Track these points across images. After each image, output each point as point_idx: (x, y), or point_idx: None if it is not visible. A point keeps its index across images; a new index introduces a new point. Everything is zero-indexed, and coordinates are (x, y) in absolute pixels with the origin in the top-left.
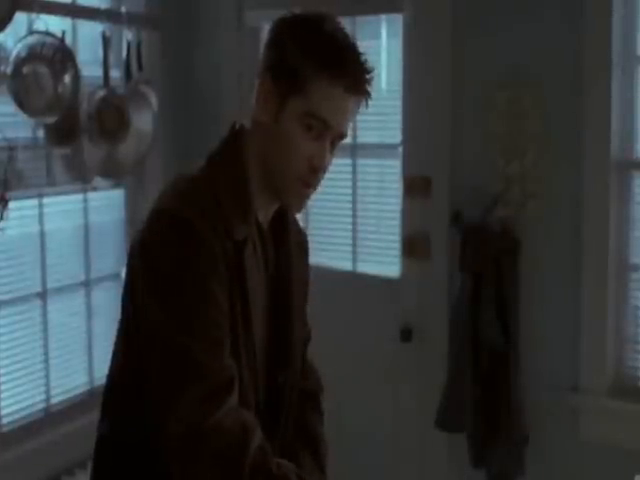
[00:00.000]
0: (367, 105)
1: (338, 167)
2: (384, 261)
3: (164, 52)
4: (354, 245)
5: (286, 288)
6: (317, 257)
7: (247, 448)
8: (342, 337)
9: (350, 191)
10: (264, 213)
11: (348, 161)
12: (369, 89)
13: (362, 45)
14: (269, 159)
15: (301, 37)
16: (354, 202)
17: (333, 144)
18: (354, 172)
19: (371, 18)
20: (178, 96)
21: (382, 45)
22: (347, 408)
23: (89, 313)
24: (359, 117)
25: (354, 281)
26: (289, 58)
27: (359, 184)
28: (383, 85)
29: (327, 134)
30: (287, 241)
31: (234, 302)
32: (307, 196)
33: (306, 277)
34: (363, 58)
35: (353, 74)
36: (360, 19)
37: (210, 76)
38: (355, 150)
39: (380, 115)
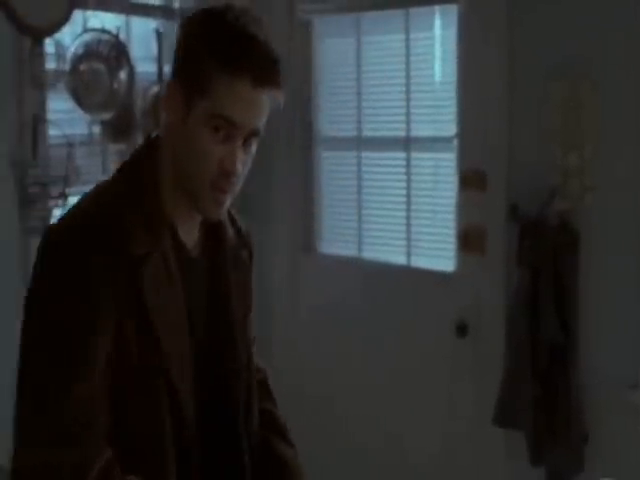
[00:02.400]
0: (281, 96)
1: (391, 161)
2: (439, 255)
3: None
4: (408, 239)
5: (224, 304)
6: (371, 252)
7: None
8: (396, 333)
9: (404, 185)
10: (187, 229)
11: (402, 155)
12: (278, 80)
13: (416, 37)
14: (181, 165)
15: (203, 34)
16: (408, 196)
17: (248, 142)
18: (408, 166)
19: (424, 10)
20: None
21: (436, 37)
22: (402, 404)
23: None
24: (413, 110)
25: (408, 276)
26: (192, 57)
27: (413, 178)
28: (437, 77)
29: (237, 134)
30: (223, 254)
31: (125, 322)
32: (223, 202)
33: (248, 286)
34: (267, 48)
35: (258, 67)
36: (413, 11)
37: None
38: (409, 144)
39: (434, 108)
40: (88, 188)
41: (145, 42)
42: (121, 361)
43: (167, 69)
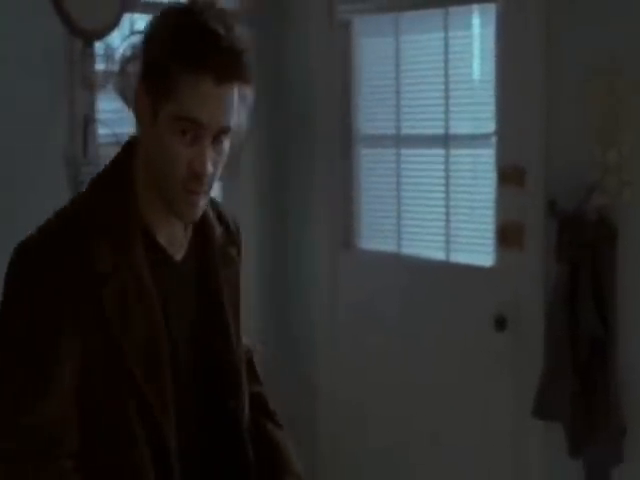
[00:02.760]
0: (250, 91)
1: (430, 157)
2: (477, 250)
3: (257, 48)
4: (447, 235)
5: (216, 302)
6: (410, 248)
7: None
8: (435, 328)
9: (443, 182)
10: (168, 232)
11: (440, 152)
12: (244, 74)
13: (454, 35)
14: (153, 168)
15: (163, 36)
16: (447, 192)
17: (218, 140)
18: (446, 162)
19: (463, 9)
20: (271, 94)
21: (474, 35)
22: (441, 398)
23: None
24: (451, 108)
25: (447, 271)
26: (155, 61)
27: (451, 174)
28: (475, 75)
29: (204, 134)
30: (211, 253)
31: (91, 339)
32: (196, 204)
33: (236, 282)
34: (230, 42)
35: (220, 62)
36: (452, 10)
37: (302, 72)
38: (447, 141)
39: (473, 105)
40: None
41: None
42: (90, 378)
43: None
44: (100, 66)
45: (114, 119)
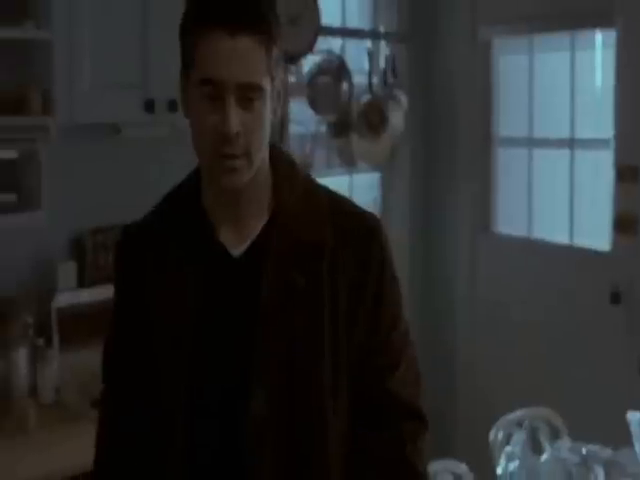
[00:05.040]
0: (273, 43)
1: (557, 157)
2: (597, 236)
3: (412, 62)
4: (571, 222)
5: (261, 312)
6: (539, 232)
7: None
8: (561, 301)
9: (568, 178)
10: (230, 226)
11: (566, 152)
12: (261, 24)
13: (580, 53)
14: (195, 149)
15: (185, 10)
16: (571, 187)
17: (245, 98)
18: (571, 162)
19: (587, 32)
20: (423, 99)
21: (596, 52)
22: (567, 360)
23: None
24: (576, 115)
25: (571, 253)
26: (181, 35)
27: (575, 172)
28: (598, 88)
29: (224, 93)
30: (281, 252)
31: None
32: (234, 168)
33: (345, 294)
34: None
35: (232, 11)
36: (578, 32)
37: (448, 84)
38: (572, 143)
39: (595, 113)
40: (315, 173)
41: (359, 59)
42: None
43: (375, 81)
44: (293, 78)
45: (302, 120)
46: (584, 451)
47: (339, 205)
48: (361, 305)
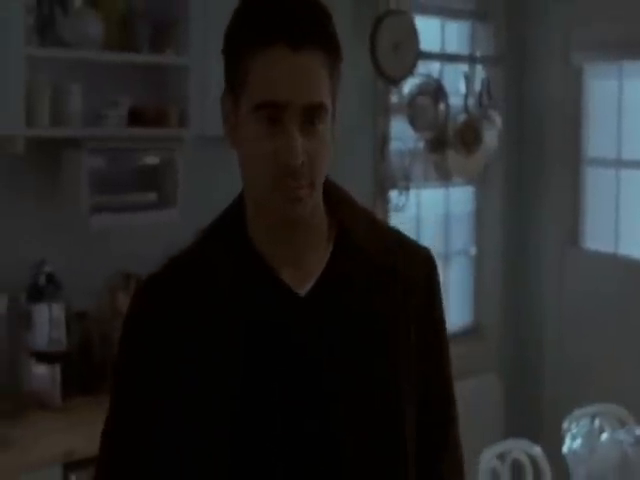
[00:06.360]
0: (337, 59)
1: None
2: None
3: (506, 85)
4: None
5: (333, 356)
6: (626, 249)
7: None
8: None
9: None
10: (288, 260)
11: None
12: (326, 37)
13: None
14: (246, 180)
15: (233, 23)
16: None
17: (310, 122)
18: None
19: None
20: (516, 119)
21: None
22: None
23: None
24: None
25: None
26: (229, 52)
27: None
28: None
29: (287, 116)
30: (356, 285)
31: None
32: (298, 197)
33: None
34: (303, 2)
35: (293, 23)
36: None
37: (541, 106)
38: None
39: None
40: (415, 185)
41: (456, 82)
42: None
43: (471, 102)
44: (394, 99)
45: (402, 137)
46: (638, 432)
47: (397, 231)
48: (428, 334)
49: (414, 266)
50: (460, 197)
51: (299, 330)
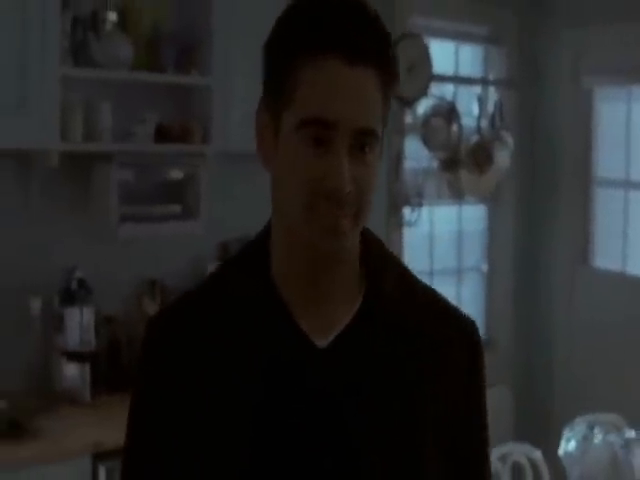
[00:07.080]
0: (393, 80)
1: None
2: None
3: (519, 107)
4: None
5: (354, 415)
6: (635, 268)
7: None
8: None
9: None
10: (313, 310)
11: None
12: (384, 54)
13: None
14: (280, 207)
15: (277, 31)
16: None
17: (359, 147)
18: None
19: None
20: (528, 140)
21: None
22: None
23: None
24: None
25: None
26: (271, 64)
27: None
28: None
29: (337, 137)
30: (383, 341)
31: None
32: (340, 229)
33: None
34: (360, 11)
35: (353, 35)
36: None
37: (552, 128)
38: None
39: None
40: (428, 202)
41: (468, 104)
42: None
43: (484, 123)
44: (409, 119)
45: (415, 157)
46: (627, 435)
47: (437, 296)
48: (467, 402)
49: (455, 341)
50: (473, 215)
51: (313, 381)
